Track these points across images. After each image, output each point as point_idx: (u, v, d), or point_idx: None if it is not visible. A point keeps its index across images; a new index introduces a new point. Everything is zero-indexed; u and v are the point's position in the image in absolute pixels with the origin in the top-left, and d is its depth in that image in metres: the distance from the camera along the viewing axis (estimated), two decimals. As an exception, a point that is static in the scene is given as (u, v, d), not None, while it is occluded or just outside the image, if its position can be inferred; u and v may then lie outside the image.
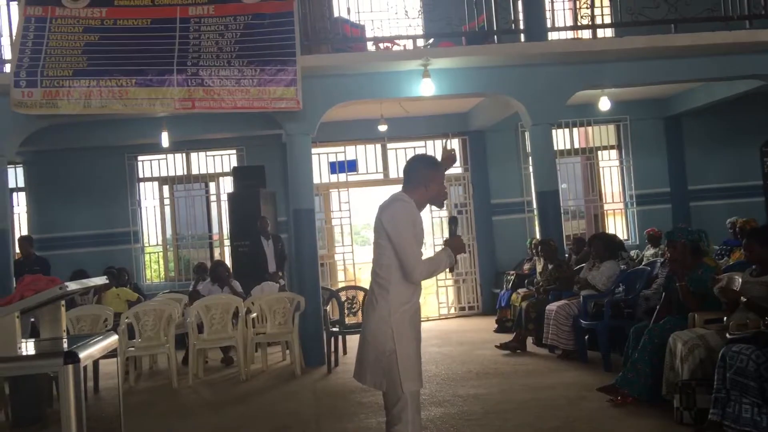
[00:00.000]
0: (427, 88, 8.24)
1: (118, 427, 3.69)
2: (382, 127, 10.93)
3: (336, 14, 8.78)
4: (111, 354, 3.55)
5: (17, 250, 10.12)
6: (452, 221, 3.63)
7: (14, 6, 8.22)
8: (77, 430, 2.84)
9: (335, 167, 11.78)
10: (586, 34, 9.32)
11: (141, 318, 7.64)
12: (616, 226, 12.28)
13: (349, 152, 11.77)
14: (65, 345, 3.15)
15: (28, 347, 3.14)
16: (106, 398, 6.89)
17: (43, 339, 3.38)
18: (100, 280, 3.98)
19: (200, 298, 8.22)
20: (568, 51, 8.38)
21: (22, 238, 9.88)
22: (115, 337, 3.52)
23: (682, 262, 5.54)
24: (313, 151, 9.05)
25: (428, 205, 3.53)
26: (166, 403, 6.87)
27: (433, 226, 11.55)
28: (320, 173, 11.49)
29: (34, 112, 7.56)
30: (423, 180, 3.45)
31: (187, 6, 7.94)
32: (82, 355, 2.91)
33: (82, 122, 9.47)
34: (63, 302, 3.42)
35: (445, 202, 3.58)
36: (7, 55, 8.28)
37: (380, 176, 11.96)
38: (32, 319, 6.32)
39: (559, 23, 9.00)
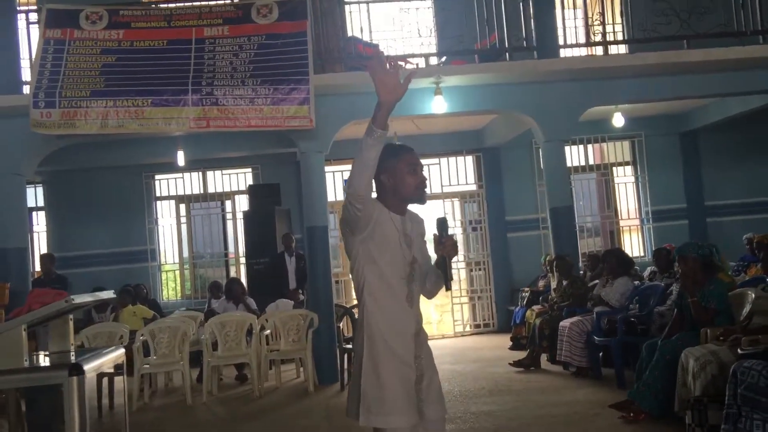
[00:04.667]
0: (439, 105, 8.29)
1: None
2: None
3: (349, 33, 8.87)
4: (119, 371, 3.58)
5: (38, 269, 10.27)
6: (441, 222, 3.00)
7: (33, 29, 8.41)
8: (82, 442, 2.88)
9: (349, 185, 11.80)
10: (598, 50, 9.33)
11: (156, 335, 7.69)
12: (632, 242, 12.19)
13: (363, 170, 11.78)
14: (72, 358, 3.19)
15: (36, 360, 3.19)
16: (119, 414, 6.94)
17: (51, 352, 3.43)
18: (107, 295, 4.03)
19: (215, 315, 8.28)
20: (580, 68, 8.38)
21: (43, 256, 10.03)
22: (121, 351, 3.57)
23: (693, 277, 5.51)
24: (327, 168, 9.11)
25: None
26: (180, 420, 6.90)
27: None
28: (335, 191, 11.55)
29: (52, 132, 7.68)
30: (383, 176, 2.88)
31: (203, 27, 8.04)
32: (86, 367, 2.95)
33: (99, 142, 9.62)
34: (71, 316, 3.47)
35: (425, 196, 2.96)
36: (27, 76, 8.46)
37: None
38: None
39: (571, 40, 9.01)
